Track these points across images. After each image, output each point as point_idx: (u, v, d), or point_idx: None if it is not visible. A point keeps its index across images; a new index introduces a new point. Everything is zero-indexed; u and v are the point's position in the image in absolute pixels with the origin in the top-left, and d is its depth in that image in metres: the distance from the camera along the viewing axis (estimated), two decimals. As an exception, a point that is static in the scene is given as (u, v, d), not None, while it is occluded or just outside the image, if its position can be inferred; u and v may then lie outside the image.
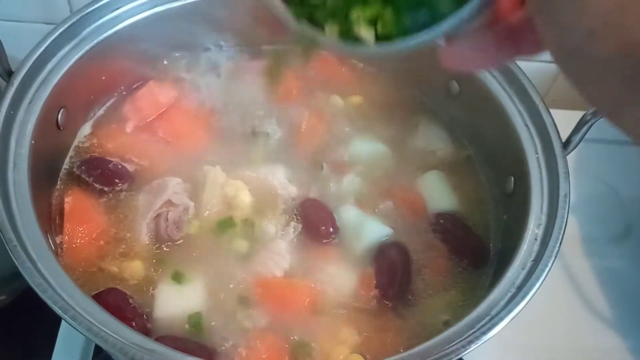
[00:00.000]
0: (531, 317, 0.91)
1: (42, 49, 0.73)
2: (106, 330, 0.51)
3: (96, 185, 0.76)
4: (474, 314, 0.58)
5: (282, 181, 0.80)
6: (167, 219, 0.73)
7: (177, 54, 0.92)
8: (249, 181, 0.79)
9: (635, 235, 1.05)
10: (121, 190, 0.77)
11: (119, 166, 0.78)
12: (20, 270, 0.54)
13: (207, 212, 0.76)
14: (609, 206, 1.08)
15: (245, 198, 0.77)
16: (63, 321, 0.82)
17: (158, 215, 0.74)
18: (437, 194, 0.83)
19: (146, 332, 0.65)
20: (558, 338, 0.91)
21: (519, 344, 0.89)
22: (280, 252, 0.73)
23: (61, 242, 0.71)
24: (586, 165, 1.08)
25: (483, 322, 0.57)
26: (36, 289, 0.52)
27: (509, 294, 0.59)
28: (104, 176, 0.76)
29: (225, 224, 0.75)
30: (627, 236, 1.05)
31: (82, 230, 0.72)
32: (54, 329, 0.83)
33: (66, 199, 0.74)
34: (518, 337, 0.90)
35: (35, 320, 0.88)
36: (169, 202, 0.75)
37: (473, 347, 0.54)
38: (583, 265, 1.01)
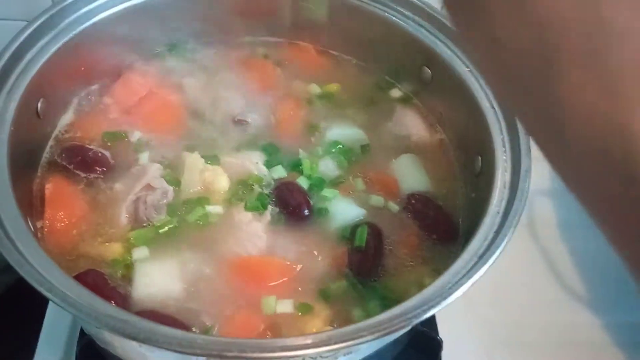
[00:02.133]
0: (509, 297, 0.95)
1: (22, 39, 0.75)
2: (81, 302, 0.53)
3: (77, 172, 0.78)
4: (438, 282, 0.60)
5: (259, 167, 0.82)
6: (146, 202, 0.75)
7: (156, 45, 0.95)
8: (227, 167, 0.82)
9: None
10: (101, 176, 0.79)
11: (99, 154, 0.80)
12: (3, 253, 0.55)
13: (185, 196, 0.78)
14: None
15: (223, 183, 0.79)
16: (48, 311, 0.85)
17: (137, 199, 0.76)
18: (410, 175, 0.86)
19: (126, 308, 0.67)
20: (535, 316, 0.94)
21: (496, 322, 0.92)
22: (257, 233, 0.75)
23: (42, 227, 0.73)
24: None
25: (446, 288, 0.59)
26: (14, 265, 0.54)
27: (471, 263, 0.62)
28: (84, 163, 0.78)
29: (201, 201, 0.77)
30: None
31: (62, 215, 0.74)
32: (41, 322, 0.85)
33: (47, 185, 0.76)
34: (496, 316, 0.94)
35: (23, 314, 0.90)
36: (148, 186, 0.77)
37: (434, 309, 0.56)
38: (559, 247, 1.04)
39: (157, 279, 0.71)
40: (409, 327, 0.55)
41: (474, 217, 0.77)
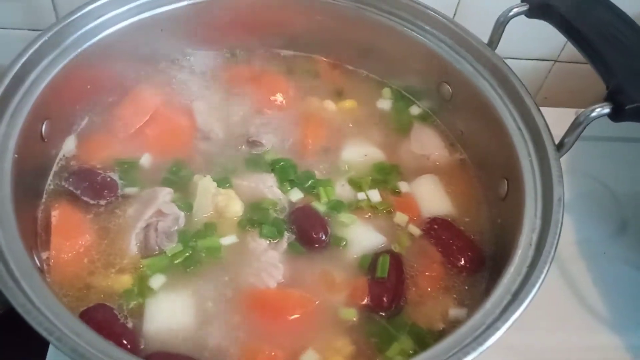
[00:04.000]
0: (527, 319, 0.91)
1: (25, 58, 0.71)
2: (92, 351, 0.50)
3: (84, 199, 0.74)
4: (470, 322, 0.57)
5: (274, 190, 0.79)
6: (157, 229, 0.72)
7: (164, 61, 0.91)
8: (240, 191, 0.78)
9: (630, 232, 1.04)
10: (110, 202, 0.75)
11: (107, 178, 0.76)
12: (2, 290, 0.52)
13: (198, 221, 0.75)
14: (603, 204, 1.07)
15: (236, 207, 0.76)
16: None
17: (148, 226, 0.73)
18: (431, 197, 0.82)
19: (136, 347, 0.64)
20: (555, 339, 0.91)
21: (514, 346, 0.88)
22: (273, 263, 0.72)
23: (48, 257, 0.69)
24: (578, 163, 1.07)
25: (479, 331, 0.56)
26: (19, 310, 0.51)
27: (505, 302, 0.58)
28: (92, 189, 0.75)
29: (212, 226, 0.74)
30: (622, 233, 1.04)
31: (69, 244, 0.70)
32: (46, 341, 0.82)
33: (53, 213, 0.72)
34: (513, 339, 0.90)
35: (27, 332, 0.87)
36: (159, 212, 0.73)
37: (470, 357, 0.52)
38: (578, 264, 1.00)
39: (169, 312, 0.67)
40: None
41: (501, 245, 0.74)
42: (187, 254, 0.72)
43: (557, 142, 0.71)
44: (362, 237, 0.76)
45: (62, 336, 0.50)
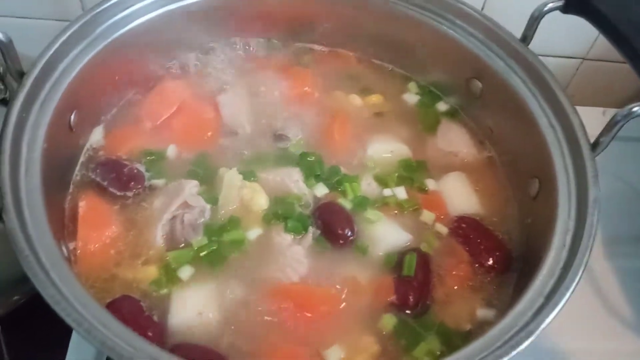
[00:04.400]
0: (552, 322, 0.89)
1: (54, 49, 0.71)
2: (120, 342, 0.50)
3: (111, 190, 0.74)
4: (501, 325, 0.56)
5: (299, 185, 0.78)
6: (183, 221, 0.72)
7: (190, 52, 0.90)
8: (265, 184, 0.78)
9: (658, 234, 1.02)
10: (137, 194, 0.75)
11: (134, 170, 0.76)
12: (33, 281, 0.52)
13: (223, 214, 0.74)
14: (630, 205, 1.05)
15: (261, 201, 0.76)
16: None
17: (174, 218, 0.72)
18: (459, 195, 0.81)
19: (161, 339, 0.63)
20: (579, 343, 0.89)
21: (538, 349, 0.87)
22: (298, 258, 0.71)
23: (75, 248, 0.69)
24: (605, 163, 1.05)
25: (510, 334, 0.54)
26: (49, 301, 0.51)
27: (537, 304, 0.57)
28: (119, 180, 0.75)
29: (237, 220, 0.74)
30: (650, 235, 1.02)
31: (96, 235, 0.70)
32: (67, 329, 0.82)
33: (80, 204, 0.72)
34: (537, 341, 0.89)
35: (50, 321, 0.87)
36: (185, 204, 0.73)
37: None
38: (604, 266, 0.98)
39: (194, 305, 0.67)
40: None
41: (531, 246, 0.72)
42: (213, 247, 0.71)
43: (589, 141, 0.69)
44: (388, 234, 0.75)
45: (91, 328, 0.50)
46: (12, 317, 0.85)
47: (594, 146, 0.69)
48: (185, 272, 0.69)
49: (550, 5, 0.76)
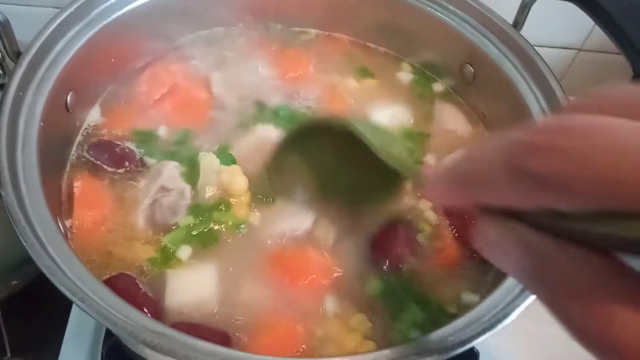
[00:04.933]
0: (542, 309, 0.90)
1: (51, 30, 0.72)
2: (115, 313, 0.51)
3: (105, 167, 0.75)
4: (488, 301, 0.57)
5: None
6: (162, 205, 0.72)
7: (184, 35, 0.91)
8: (244, 162, 0.76)
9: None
10: (129, 172, 0.75)
11: (126, 150, 0.77)
12: (29, 252, 0.53)
13: (204, 199, 0.74)
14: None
15: (241, 183, 0.74)
16: (74, 306, 0.82)
17: (154, 202, 0.72)
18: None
19: (158, 318, 0.64)
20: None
21: (530, 334, 0.88)
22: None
23: (71, 226, 0.70)
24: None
25: (497, 309, 0.56)
26: (45, 272, 0.52)
27: (518, 288, 0.58)
28: (111, 159, 0.75)
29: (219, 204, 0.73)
30: None
31: (91, 214, 0.71)
32: (66, 314, 0.84)
33: (75, 184, 0.73)
34: (530, 327, 0.89)
35: (49, 305, 0.88)
36: (163, 188, 0.73)
37: (487, 334, 0.52)
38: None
39: (191, 283, 0.67)
40: (459, 350, 0.52)
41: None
42: (204, 228, 0.71)
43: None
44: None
45: (86, 298, 0.51)
46: (11, 302, 0.86)
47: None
48: (184, 252, 0.69)
49: (542, -10, 0.77)
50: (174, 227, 0.71)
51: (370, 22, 0.93)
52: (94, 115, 0.81)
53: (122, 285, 0.64)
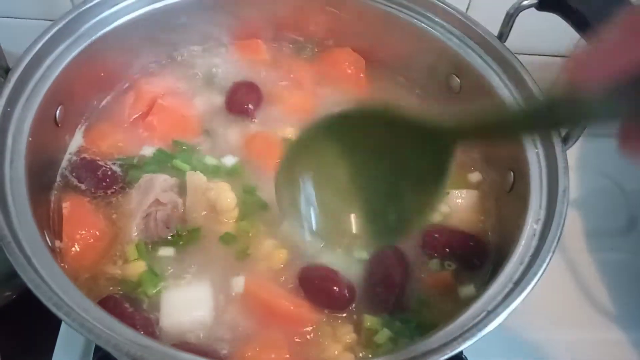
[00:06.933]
0: (533, 311, 0.91)
1: (40, 45, 0.73)
2: (100, 326, 0.51)
3: (90, 190, 0.75)
4: (472, 309, 0.57)
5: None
6: (156, 219, 0.72)
7: (174, 50, 0.92)
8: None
9: (639, 228, 1.04)
10: (115, 192, 0.76)
11: (108, 171, 0.77)
12: (14, 265, 0.53)
13: (195, 217, 0.74)
14: (613, 200, 1.08)
15: (229, 200, 0.74)
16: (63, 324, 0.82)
17: (147, 215, 0.72)
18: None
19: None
20: (561, 332, 0.91)
21: (520, 338, 0.89)
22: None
23: (59, 247, 0.69)
24: (589, 160, 1.08)
25: (480, 317, 0.56)
26: (30, 285, 0.52)
27: (507, 289, 0.59)
28: (95, 180, 0.76)
29: (227, 238, 0.74)
30: (631, 230, 1.04)
31: (81, 234, 0.70)
32: (58, 325, 0.84)
33: (64, 204, 0.72)
34: (520, 331, 0.90)
35: (40, 316, 0.88)
36: (157, 202, 0.73)
37: (469, 342, 0.53)
38: (586, 259, 1.00)
39: (185, 304, 0.67)
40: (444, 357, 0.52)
41: (506, 237, 0.74)
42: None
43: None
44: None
45: (71, 311, 0.52)
46: (3, 312, 0.87)
47: (565, 139, 0.71)
48: (170, 250, 0.70)
49: (526, 2, 0.78)
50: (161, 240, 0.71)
51: (359, 36, 0.93)
52: (82, 130, 0.82)
53: (109, 309, 0.63)
